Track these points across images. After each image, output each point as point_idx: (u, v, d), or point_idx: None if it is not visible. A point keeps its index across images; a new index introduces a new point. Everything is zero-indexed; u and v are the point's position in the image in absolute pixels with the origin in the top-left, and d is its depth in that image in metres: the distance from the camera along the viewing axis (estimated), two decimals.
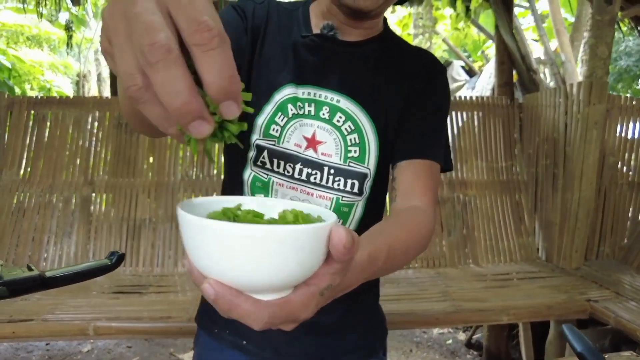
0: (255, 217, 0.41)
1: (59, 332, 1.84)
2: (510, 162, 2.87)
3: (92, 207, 2.68)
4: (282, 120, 0.82)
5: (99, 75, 10.44)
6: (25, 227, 2.60)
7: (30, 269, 0.74)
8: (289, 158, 0.82)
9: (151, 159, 2.83)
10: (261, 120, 0.82)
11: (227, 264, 0.35)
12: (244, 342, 0.90)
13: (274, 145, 0.82)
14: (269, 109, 0.82)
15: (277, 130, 0.82)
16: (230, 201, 0.44)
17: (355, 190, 0.83)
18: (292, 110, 0.82)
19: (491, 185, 2.78)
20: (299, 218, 0.40)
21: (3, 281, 0.70)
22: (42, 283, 0.77)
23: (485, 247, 2.60)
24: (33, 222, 2.64)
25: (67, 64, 10.16)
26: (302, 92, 0.82)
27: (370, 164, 0.84)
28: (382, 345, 0.95)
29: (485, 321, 2.05)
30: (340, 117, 0.83)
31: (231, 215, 0.41)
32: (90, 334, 1.82)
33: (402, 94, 0.87)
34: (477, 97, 3.02)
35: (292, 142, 0.82)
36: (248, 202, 0.45)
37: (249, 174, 0.86)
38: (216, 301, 0.36)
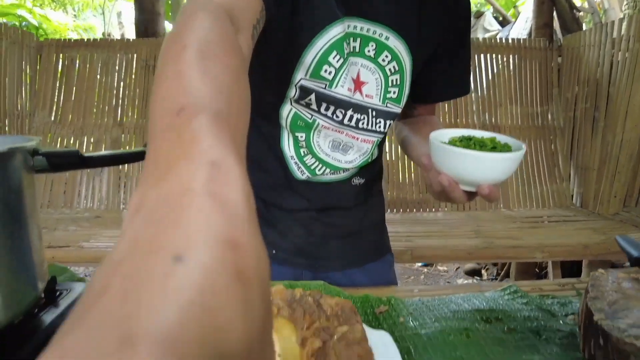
0: (491, 146, 0.67)
1: (93, 259, 1.90)
2: (547, 107, 2.74)
3: (121, 149, 2.72)
4: (337, 60, 0.73)
5: (122, 37, 10.47)
6: None
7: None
8: (340, 104, 0.77)
9: None
10: (310, 57, 0.72)
11: (488, 174, 0.63)
12: (274, 252, 0.94)
13: (324, 89, 0.75)
14: (320, 44, 0.71)
15: (330, 72, 0.73)
16: (458, 132, 0.71)
17: (387, 130, 0.84)
18: (346, 48, 0.72)
19: (526, 130, 2.68)
20: (505, 147, 0.67)
21: (42, 152, 0.69)
22: (80, 160, 0.76)
23: (517, 192, 2.53)
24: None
25: (91, 26, 10.19)
26: (349, 25, 0.72)
27: (402, 104, 0.83)
28: (389, 246, 1.04)
29: (518, 258, 2.00)
30: (386, 56, 0.77)
31: (471, 145, 0.67)
32: None
33: (442, 29, 0.81)
34: (513, 40, 2.87)
35: (345, 87, 0.76)
36: (465, 133, 0.71)
37: (288, 110, 0.80)
38: (489, 195, 0.63)
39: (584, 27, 3.24)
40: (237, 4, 0.52)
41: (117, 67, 2.76)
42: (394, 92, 0.80)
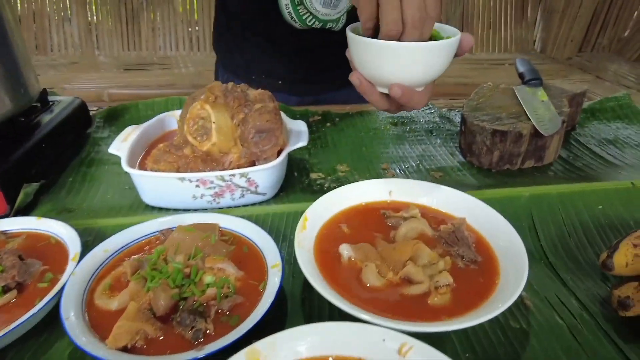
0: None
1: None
2: None
3: None
4: None
5: None
6: (24, 14, 2.62)
7: None
8: None
9: None
10: None
11: (406, 69, 0.52)
12: (280, 82, 1.06)
13: None
14: None
15: None
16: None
17: None
18: None
19: None
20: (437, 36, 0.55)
21: None
22: None
23: (481, 36, 2.61)
24: (30, 9, 2.64)
25: None
26: None
27: None
28: None
29: (468, 94, 2.19)
30: None
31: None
32: (105, 100, 2.03)
33: None
34: None
35: None
36: None
37: None
38: (401, 97, 0.53)
39: None
40: None
41: None
42: None
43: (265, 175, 0.68)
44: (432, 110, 1.09)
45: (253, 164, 0.70)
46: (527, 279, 0.46)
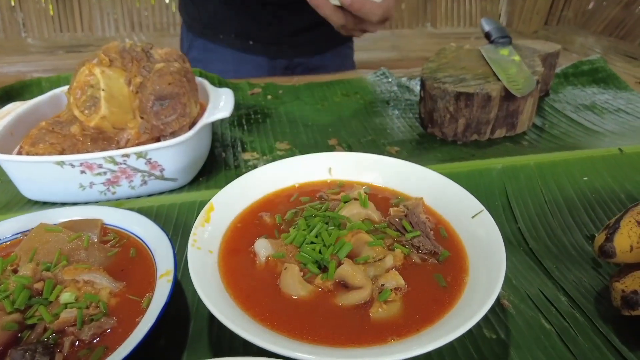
0: None
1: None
2: None
3: None
4: None
5: None
6: None
7: None
8: None
9: None
10: None
11: None
12: (251, 42, 1.03)
13: None
14: None
15: None
16: None
17: None
18: None
19: None
20: None
21: None
22: None
23: (445, 10, 2.50)
24: None
25: None
26: None
27: None
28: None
29: None
30: None
31: None
32: None
33: None
34: None
35: None
36: None
37: None
38: (352, 3, 0.59)
39: None
40: None
41: None
42: None
43: (170, 155, 0.53)
44: (390, 80, 0.96)
45: (158, 141, 0.55)
46: (504, 274, 0.34)
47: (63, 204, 0.55)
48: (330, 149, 0.69)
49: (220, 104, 0.60)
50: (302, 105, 0.83)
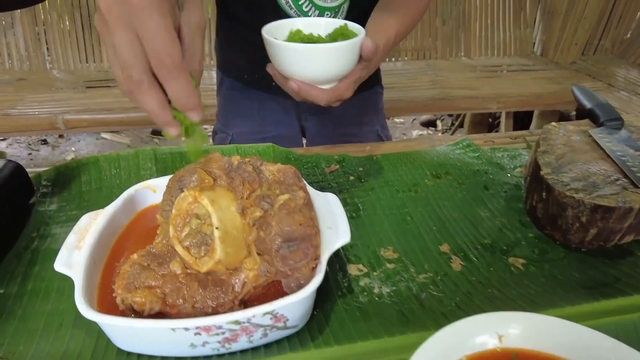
0: (318, 38, 0.63)
1: (24, 127, 1.73)
2: None
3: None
4: None
5: None
6: None
7: None
8: None
9: None
10: None
11: (304, 68, 0.59)
12: (273, 84, 0.98)
13: None
14: None
15: None
16: (293, 24, 0.66)
17: None
18: None
19: None
20: (340, 36, 0.61)
21: None
22: None
23: (479, 39, 2.42)
24: None
25: None
26: None
27: None
28: (379, 79, 1.13)
29: (474, 109, 2.02)
30: None
31: (303, 38, 0.62)
32: (60, 127, 1.73)
33: None
34: None
35: None
36: (301, 24, 0.66)
37: None
38: (299, 91, 0.60)
39: None
40: None
41: None
42: None
43: (297, 306, 0.45)
44: (477, 154, 0.87)
45: (277, 282, 0.47)
46: None
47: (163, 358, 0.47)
48: (444, 257, 0.61)
49: (339, 224, 0.52)
50: (394, 193, 0.75)
